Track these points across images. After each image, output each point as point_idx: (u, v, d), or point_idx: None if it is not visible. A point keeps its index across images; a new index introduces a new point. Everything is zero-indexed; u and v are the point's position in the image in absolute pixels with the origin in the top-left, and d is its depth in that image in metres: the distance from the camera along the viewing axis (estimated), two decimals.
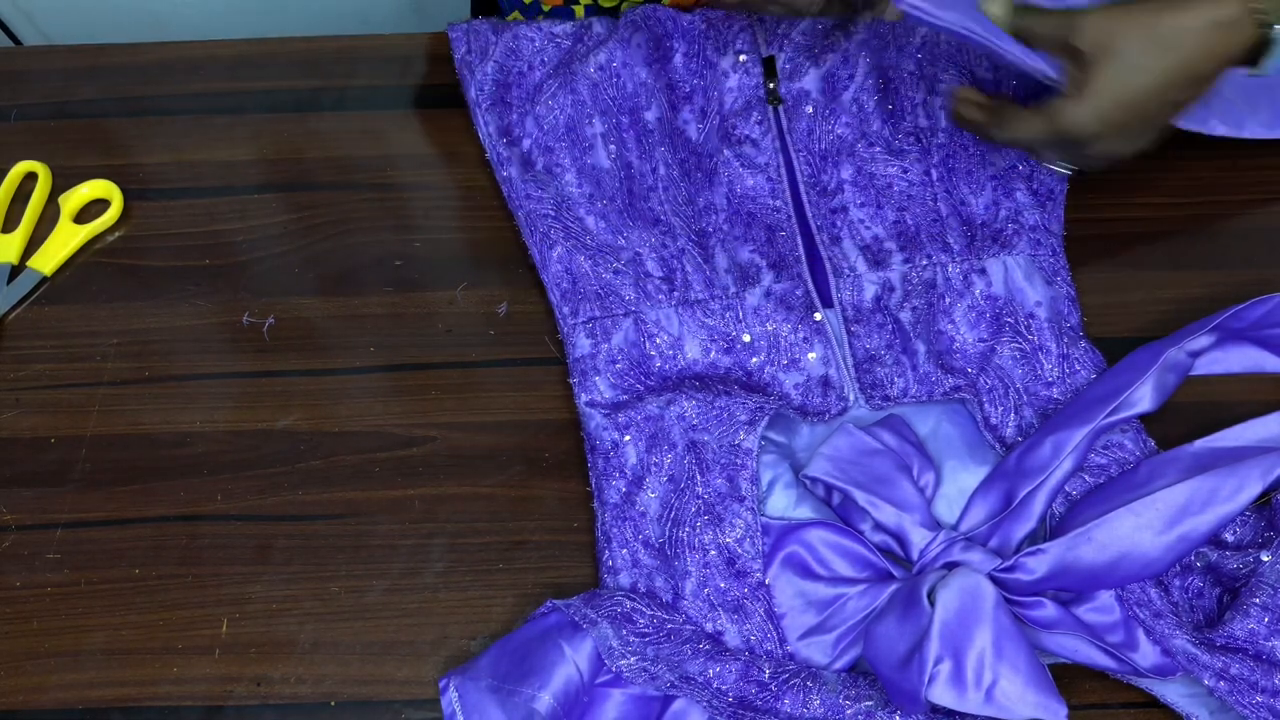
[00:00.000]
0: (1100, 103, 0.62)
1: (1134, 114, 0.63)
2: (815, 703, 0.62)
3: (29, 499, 0.73)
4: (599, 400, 0.73)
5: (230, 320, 0.79)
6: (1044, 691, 0.59)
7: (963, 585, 0.61)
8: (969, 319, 0.73)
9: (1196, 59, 0.61)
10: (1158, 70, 0.61)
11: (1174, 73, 0.61)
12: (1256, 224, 0.79)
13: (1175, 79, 0.62)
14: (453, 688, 0.63)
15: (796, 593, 0.67)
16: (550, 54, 0.84)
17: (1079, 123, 0.63)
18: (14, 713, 0.67)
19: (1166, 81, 0.61)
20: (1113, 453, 0.68)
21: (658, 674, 0.63)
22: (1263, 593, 0.62)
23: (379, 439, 0.74)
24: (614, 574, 0.68)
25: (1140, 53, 0.60)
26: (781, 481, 0.70)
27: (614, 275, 0.76)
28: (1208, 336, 0.72)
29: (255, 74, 0.89)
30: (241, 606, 0.69)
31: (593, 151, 0.80)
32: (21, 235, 0.82)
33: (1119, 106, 0.62)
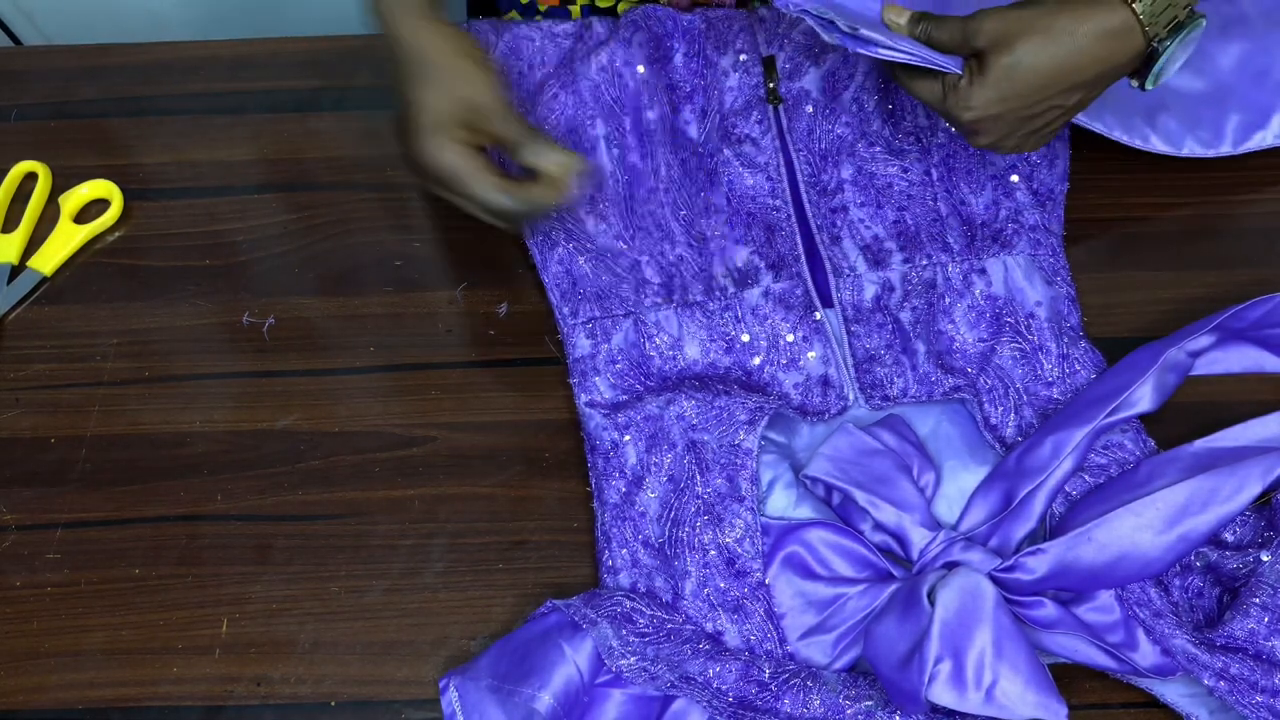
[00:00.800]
0: (987, 91, 0.65)
1: (1016, 107, 0.65)
2: (815, 703, 0.62)
3: (29, 499, 0.73)
4: (599, 400, 0.73)
5: (230, 320, 0.79)
6: (1044, 691, 0.59)
7: (963, 585, 0.61)
8: (969, 319, 0.73)
9: (1084, 62, 0.64)
10: (1046, 68, 0.63)
11: (1061, 73, 0.64)
12: (1256, 224, 0.80)
13: (1062, 79, 0.64)
14: (453, 688, 0.63)
15: (796, 593, 0.67)
16: (550, 53, 0.84)
17: (964, 105, 0.66)
18: (14, 713, 0.67)
19: (1053, 80, 0.64)
20: (1113, 453, 0.68)
21: (658, 674, 0.63)
22: (1262, 592, 0.62)
23: (379, 439, 0.74)
24: (614, 574, 0.68)
25: (1032, 50, 0.63)
26: (781, 481, 0.70)
27: (614, 276, 0.76)
28: (1208, 336, 0.72)
29: (255, 74, 0.89)
30: (241, 606, 0.69)
31: (594, 153, 0.80)
32: (21, 235, 0.82)
33: (1003, 98, 0.65)
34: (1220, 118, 0.79)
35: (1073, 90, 0.65)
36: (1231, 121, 0.79)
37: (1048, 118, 0.67)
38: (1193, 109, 0.79)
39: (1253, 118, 0.79)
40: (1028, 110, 0.66)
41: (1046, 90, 0.65)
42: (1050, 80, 0.64)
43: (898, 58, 0.67)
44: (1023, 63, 0.64)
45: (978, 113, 0.66)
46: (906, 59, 0.67)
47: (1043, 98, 0.65)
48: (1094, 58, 0.64)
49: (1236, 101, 0.79)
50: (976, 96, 0.65)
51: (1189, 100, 0.79)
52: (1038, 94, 0.65)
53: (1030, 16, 0.64)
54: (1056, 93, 0.65)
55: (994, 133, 0.68)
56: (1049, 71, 0.64)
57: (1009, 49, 0.64)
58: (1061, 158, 0.80)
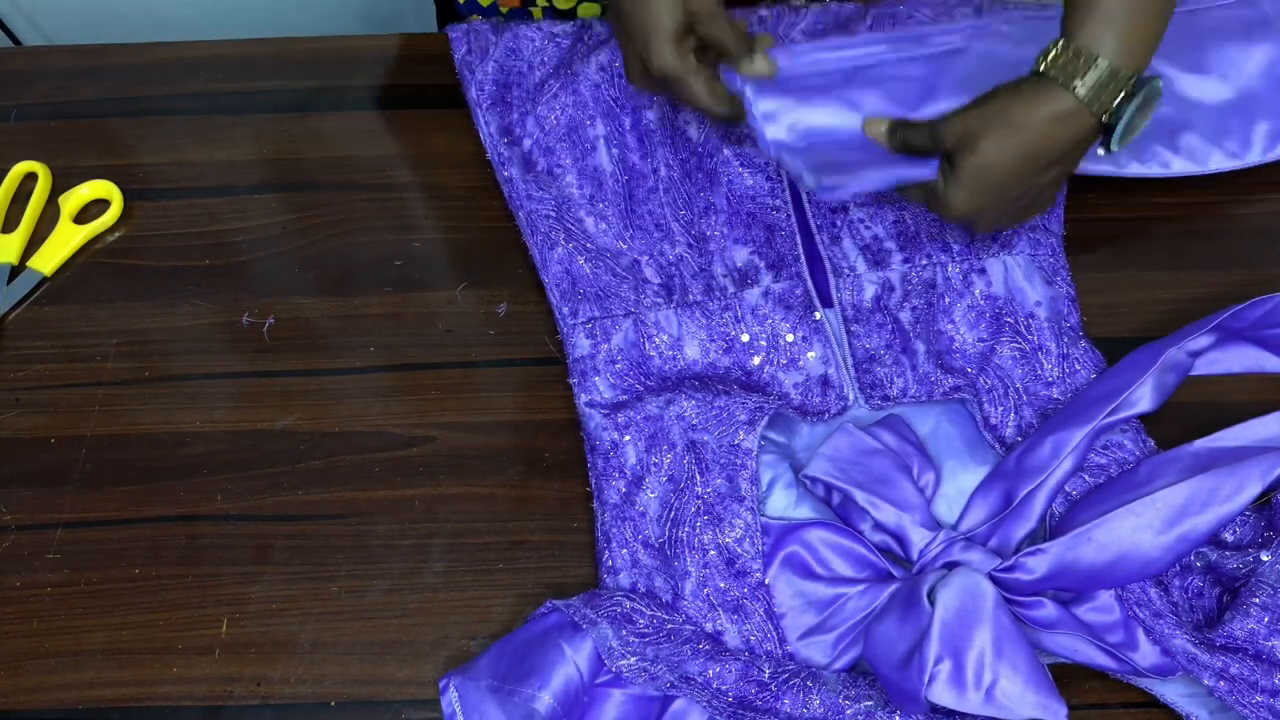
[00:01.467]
0: (963, 191, 0.68)
1: (998, 196, 0.68)
2: (815, 703, 0.62)
3: (29, 499, 0.73)
4: (598, 400, 0.73)
5: (230, 320, 0.79)
6: (1044, 691, 0.59)
7: (963, 585, 0.61)
8: (969, 319, 0.73)
9: (1045, 147, 0.66)
10: (1011, 161, 0.66)
11: (1026, 160, 0.66)
12: (1256, 224, 0.79)
13: (1029, 166, 0.67)
14: (453, 688, 0.63)
15: (796, 593, 0.67)
16: (550, 53, 0.84)
17: (947, 206, 0.69)
18: (14, 713, 0.67)
19: (1020, 168, 0.67)
20: (1112, 453, 0.68)
21: (657, 674, 0.63)
22: (1262, 592, 0.62)
23: (379, 439, 0.74)
24: (614, 574, 0.68)
25: (994, 146, 0.66)
26: (781, 481, 0.70)
27: (613, 276, 0.76)
28: (1207, 336, 0.72)
29: (255, 74, 0.89)
30: (241, 606, 0.69)
31: (594, 153, 0.80)
32: (21, 235, 0.82)
33: (982, 192, 0.67)
34: (1248, 125, 0.78)
35: (1044, 170, 0.68)
36: (1260, 129, 0.78)
37: (1032, 195, 0.70)
38: (1220, 119, 0.78)
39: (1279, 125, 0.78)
40: (1008, 197, 0.69)
41: (1018, 178, 0.67)
42: (1018, 169, 0.67)
43: (867, 189, 0.71)
44: (988, 160, 0.66)
45: (961, 211, 0.69)
46: (876, 187, 0.71)
47: (1017, 184, 0.68)
48: (1052, 141, 0.66)
49: (1263, 107, 0.78)
50: (955, 197, 0.68)
51: (1215, 111, 0.78)
52: (1011, 183, 0.67)
53: (986, 114, 0.66)
54: (1029, 177, 0.68)
55: (985, 222, 0.70)
56: (1014, 162, 0.66)
57: (973, 149, 0.66)
58: None
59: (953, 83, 0.74)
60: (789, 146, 0.72)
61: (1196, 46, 0.79)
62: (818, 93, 0.74)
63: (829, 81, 0.75)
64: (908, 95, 0.75)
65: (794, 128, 0.73)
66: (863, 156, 0.72)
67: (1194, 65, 0.78)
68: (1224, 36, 0.79)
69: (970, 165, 0.67)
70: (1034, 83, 0.65)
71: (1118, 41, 0.63)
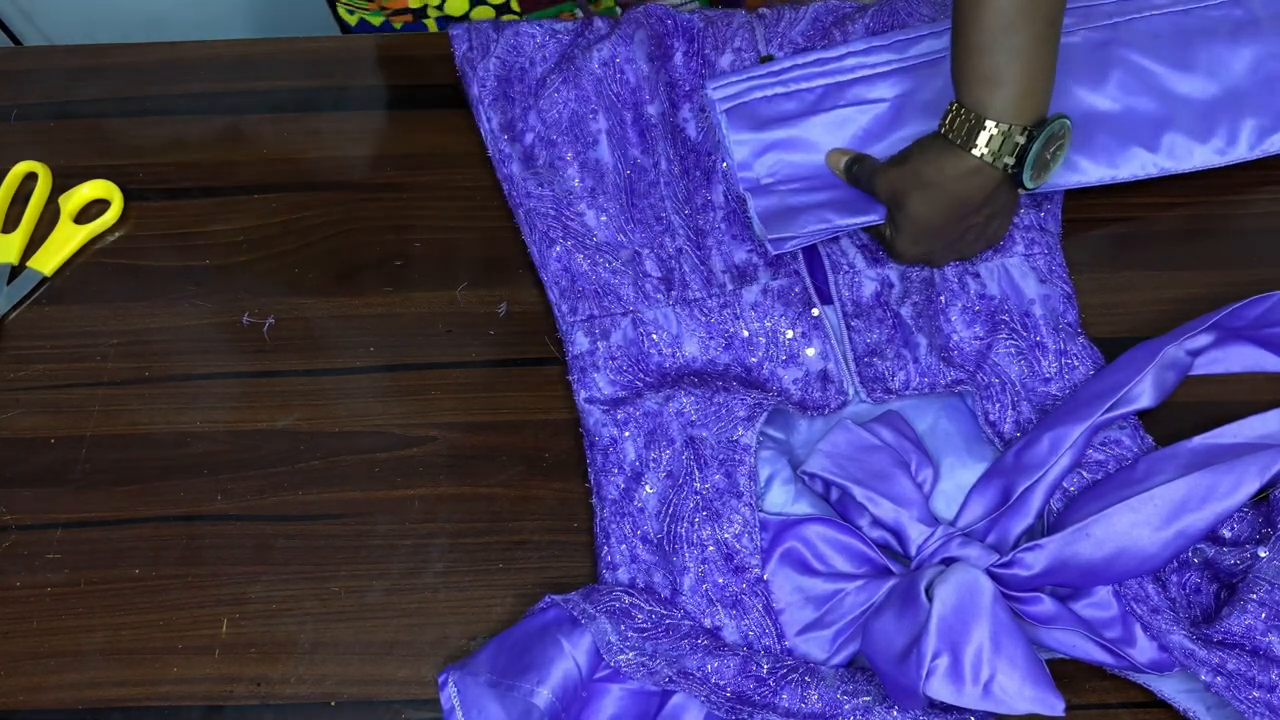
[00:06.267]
0: (903, 240, 0.72)
1: (934, 245, 0.72)
2: (813, 698, 0.62)
3: (29, 499, 0.73)
4: (598, 397, 0.73)
5: (230, 320, 0.79)
6: (1041, 686, 0.59)
7: (960, 580, 0.61)
8: (965, 318, 0.73)
9: (961, 199, 0.69)
10: (935, 214, 0.70)
11: (948, 213, 0.70)
12: (1256, 224, 0.79)
13: (953, 216, 0.70)
14: (451, 683, 0.63)
15: (794, 588, 0.67)
16: (551, 50, 0.85)
17: (895, 252, 0.74)
18: (14, 713, 0.67)
19: (946, 219, 0.70)
20: (1110, 449, 0.68)
21: (656, 669, 0.63)
22: (1260, 588, 0.62)
23: (379, 439, 0.74)
24: (612, 569, 0.68)
25: (916, 203, 0.70)
26: (780, 477, 0.70)
27: (612, 274, 0.76)
28: (1207, 335, 0.72)
29: (255, 74, 0.89)
30: (241, 606, 0.69)
31: (596, 146, 0.81)
32: (21, 235, 0.82)
33: (919, 240, 0.72)
34: (1235, 122, 0.78)
35: (973, 214, 0.70)
36: (1247, 126, 0.78)
37: (974, 234, 0.72)
38: (1206, 116, 0.78)
39: (1268, 121, 0.78)
40: (948, 240, 0.72)
41: (948, 227, 0.71)
42: (944, 220, 0.70)
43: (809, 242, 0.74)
44: (914, 213, 0.70)
45: (909, 257, 0.73)
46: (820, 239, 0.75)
47: (952, 230, 0.71)
48: (966, 194, 0.69)
49: (1251, 104, 0.78)
50: (899, 244, 0.73)
51: (1201, 108, 0.78)
52: (944, 231, 0.71)
53: (903, 174, 0.70)
54: (960, 222, 0.71)
55: (937, 260, 0.74)
56: (938, 216, 0.70)
57: (900, 205, 0.71)
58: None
59: (921, 107, 0.77)
60: (756, 183, 0.77)
61: (1185, 45, 0.79)
62: (788, 121, 0.78)
63: (802, 105, 0.79)
64: (876, 123, 0.78)
65: (763, 159, 0.78)
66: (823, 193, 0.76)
67: (1181, 63, 0.79)
68: (1213, 35, 0.80)
69: (903, 219, 0.71)
70: (939, 143, 0.68)
71: (1006, 102, 0.65)
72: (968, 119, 0.66)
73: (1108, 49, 0.79)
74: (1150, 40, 0.79)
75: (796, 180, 0.77)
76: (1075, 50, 0.78)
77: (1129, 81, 0.78)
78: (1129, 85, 0.78)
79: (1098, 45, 0.79)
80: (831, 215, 0.74)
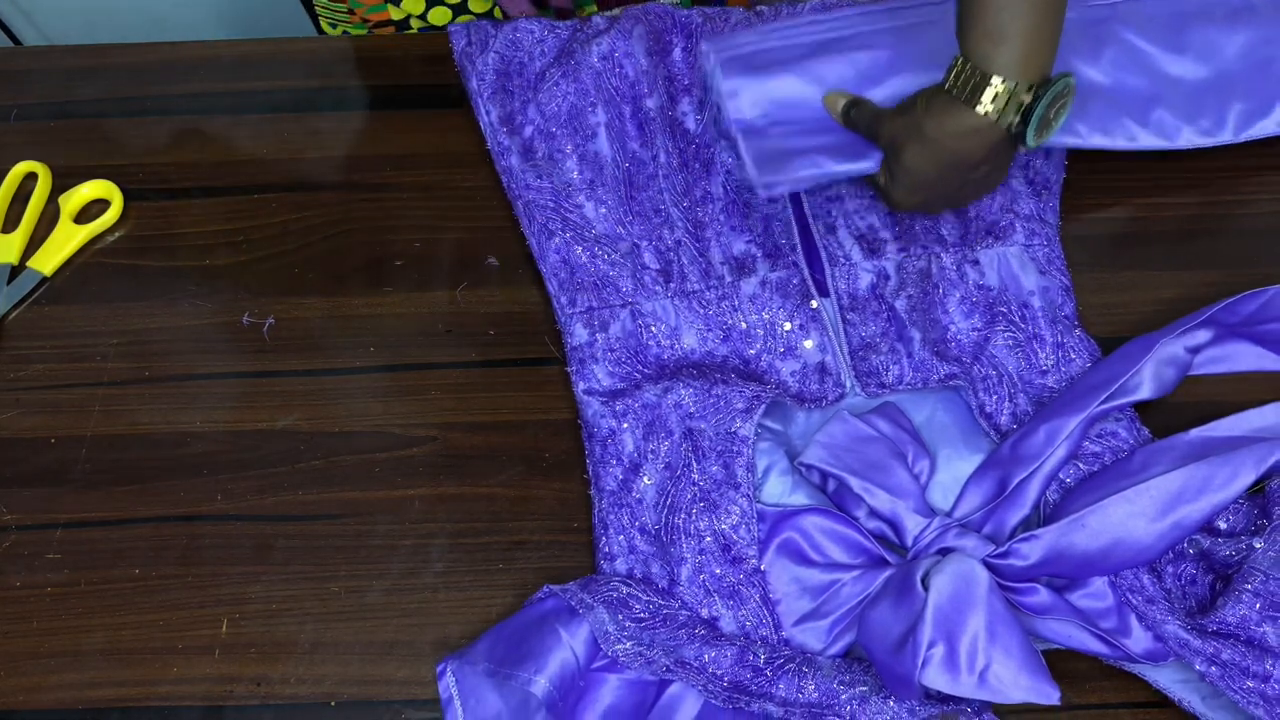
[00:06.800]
0: (899, 190, 0.71)
1: (930, 195, 0.71)
2: (810, 688, 0.62)
3: (29, 499, 0.73)
4: (596, 388, 0.73)
5: (230, 320, 0.79)
6: (1036, 675, 0.59)
7: (956, 570, 0.61)
8: (963, 309, 0.74)
9: (961, 156, 0.68)
10: (932, 168, 0.69)
11: (947, 167, 0.69)
12: (1256, 224, 0.80)
13: (951, 171, 0.69)
14: (450, 672, 0.63)
15: (791, 579, 0.67)
16: (550, 45, 0.85)
17: (891, 201, 0.73)
18: (14, 713, 0.67)
19: (944, 173, 0.70)
20: (1107, 441, 0.69)
21: (653, 659, 0.63)
22: (1254, 579, 0.62)
23: (379, 439, 0.74)
24: (610, 560, 0.68)
25: (914, 155, 0.69)
26: (777, 468, 0.70)
27: (611, 267, 0.77)
28: (1205, 332, 0.72)
29: (255, 74, 0.89)
30: (241, 606, 0.69)
31: (595, 139, 0.81)
32: (21, 235, 0.82)
33: (915, 191, 0.71)
34: (1223, 105, 0.79)
35: (971, 170, 0.70)
36: (1234, 109, 0.78)
37: (970, 187, 0.72)
38: (1194, 97, 0.78)
39: (1256, 106, 0.79)
40: (945, 193, 0.71)
41: (945, 180, 0.70)
42: (942, 174, 0.70)
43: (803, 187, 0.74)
44: (912, 166, 0.69)
45: (904, 207, 0.73)
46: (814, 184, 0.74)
47: (949, 184, 0.70)
48: (966, 152, 0.68)
49: (1240, 90, 0.79)
50: (895, 194, 0.72)
51: (1190, 89, 0.79)
52: (941, 183, 0.70)
53: (905, 124, 0.69)
54: (958, 178, 0.70)
55: (933, 209, 0.74)
56: (936, 169, 0.69)
57: (898, 155, 0.70)
58: (1058, 149, 0.80)
59: (917, 56, 0.75)
60: (750, 126, 0.75)
61: (1178, 27, 0.80)
62: (784, 66, 0.77)
63: (796, 54, 0.77)
64: (874, 68, 0.76)
65: (757, 103, 0.76)
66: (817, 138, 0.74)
67: (1173, 45, 0.79)
68: (1207, 19, 0.80)
69: (900, 170, 0.70)
70: (943, 98, 0.67)
71: (1012, 58, 0.64)
72: (972, 75, 0.65)
73: (1103, 26, 0.79)
74: (1145, 21, 0.80)
75: (791, 123, 0.76)
76: (1071, 25, 0.78)
77: (1122, 59, 0.78)
78: (1121, 62, 0.78)
79: (1094, 22, 0.79)
80: (825, 160, 0.73)
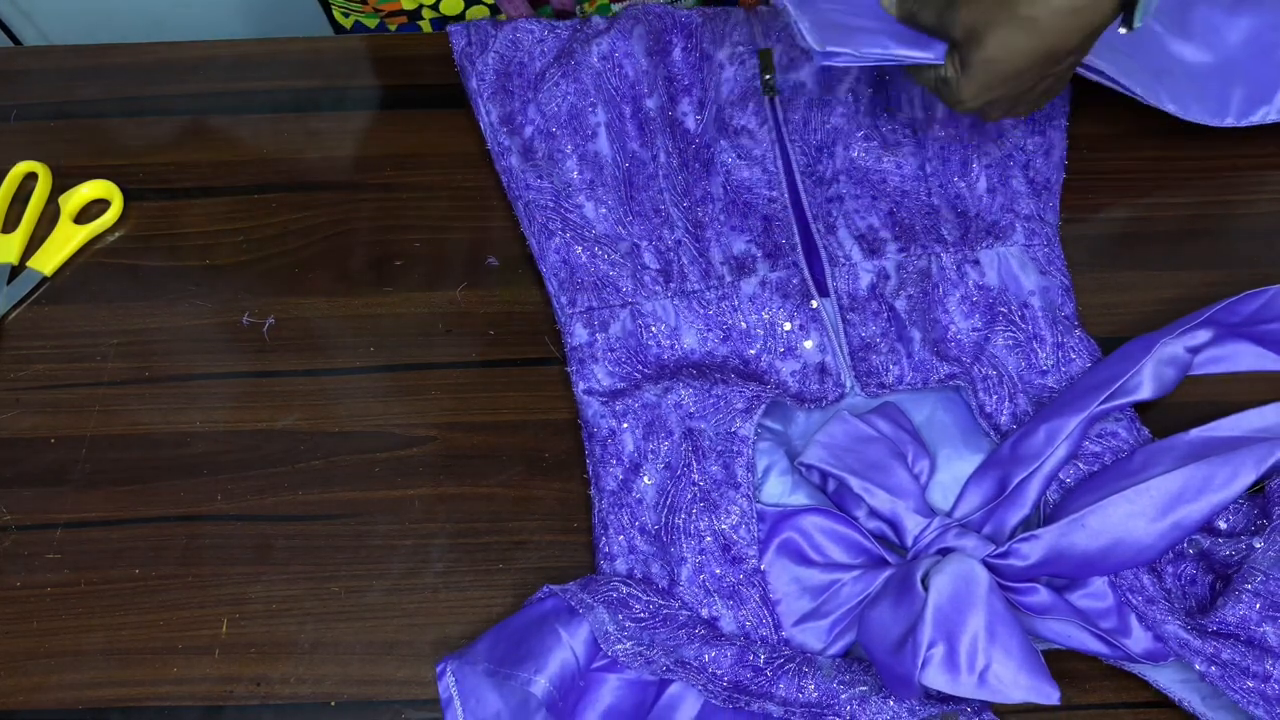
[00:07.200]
0: (972, 85, 0.65)
1: (1010, 89, 0.66)
2: (810, 688, 0.62)
3: (29, 499, 0.73)
4: (596, 389, 0.73)
5: (230, 320, 0.79)
6: (1037, 675, 0.59)
7: (956, 570, 0.61)
8: (963, 309, 0.74)
9: (1057, 41, 0.63)
10: (1021, 52, 0.63)
11: (1037, 53, 0.63)
12: (1256, 224, 0.79)
13: (1040, 61, 0.64)
14: (449, 672, 0.63)
15: (791, 579, 0.67)
16: (550, 44, 0.85)
17: (956, 98, 0.67)
18: (14, 713, 0.67)
19: (1031, 61, 0.64)
20: (1107, 441, 0.69)
21: (653, 659, 0.63)
22: (1255, 579, 0.62)
23: (379, 439, 0.74)
24: (610, 560, 0.68)
25: (1003, 43, 0.63)
26: (777, 468, 0.70)
27: (611, 267, 0.77)
28: (1205, 331, 0.72)
29: (255, 74, 0.89)
30: (241, 606, 0.69)
31: (595, 139, 0.81)
32: (21, 235, 0.82)
33: (991, 86, 0.65)
34: (1225, 91, 0.79)
35: (1059, 61, 0.65)
36: (1236, 95, 0.79)
37: (1044, 85, 0.67)
38: (1198, 82, 0.78)
39: (1258, 92, 0.79)
40: (1020, 89, 0.66)
41: (1030, 73, 0.65)
42: (1029, 66, 0.64)
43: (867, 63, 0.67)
44: (997, 56, 0.63)
45: (971, 104, 0.67)
46: (878, 62, 0.67)
47: (1030, 77, 0.65)
48: (1066, 33, 0.62)
49: (1242, 76, 0.79)
50: (964, 90, 0.66)
51: (1193, 73, 0.79)
52: (1022, 78, 0.65)
53: (994, 6, 0.62)
54: (1042, 70, 0.65)
55: (997, 110, 0.68)
56: (1024, 59, 0.64)
57: (980, 44, 0.63)
58: (1058, 147, 0.80)
59: None
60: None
61: (1182, 10, 0.80)
62: None
63: None
64: None
65: None
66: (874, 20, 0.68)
67: (1178, 28, 0.79)
68: (1211, 3, 0.80)
69: (979, 60, 0.64)
70: None
71: None
72: None
73: None
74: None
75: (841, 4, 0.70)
76: None
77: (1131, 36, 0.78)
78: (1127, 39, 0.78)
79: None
80: (889, 42, 0.67)
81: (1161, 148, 0.81)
